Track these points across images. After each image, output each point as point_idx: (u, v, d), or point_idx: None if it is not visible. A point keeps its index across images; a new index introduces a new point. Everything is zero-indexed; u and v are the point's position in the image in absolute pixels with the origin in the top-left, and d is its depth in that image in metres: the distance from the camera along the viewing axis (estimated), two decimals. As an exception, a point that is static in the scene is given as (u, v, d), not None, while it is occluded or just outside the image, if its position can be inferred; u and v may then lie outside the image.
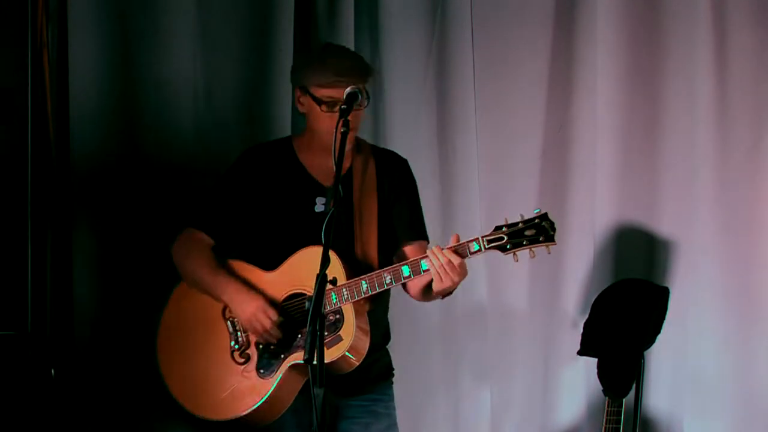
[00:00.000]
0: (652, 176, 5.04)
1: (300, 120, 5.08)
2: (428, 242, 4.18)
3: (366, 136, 5.16)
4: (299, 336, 4.00)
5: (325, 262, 3.49)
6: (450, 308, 5.16)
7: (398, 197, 4.17)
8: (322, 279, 3.46)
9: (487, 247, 3.88)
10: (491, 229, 3.90)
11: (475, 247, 3.89)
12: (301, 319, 3.99)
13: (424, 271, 3.89)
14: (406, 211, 4.18)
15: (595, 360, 4.77)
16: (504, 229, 3.90)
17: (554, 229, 3.92)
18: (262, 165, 4.15)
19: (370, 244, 4.07)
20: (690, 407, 4.97)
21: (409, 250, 4.13)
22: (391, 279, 3.91)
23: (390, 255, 4.13)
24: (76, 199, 4.89)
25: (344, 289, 3.93)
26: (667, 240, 5.01)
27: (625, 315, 4.77)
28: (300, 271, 4.01)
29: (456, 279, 3.88)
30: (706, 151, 4.96)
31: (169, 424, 4.96)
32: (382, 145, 5.20)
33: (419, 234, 4.19)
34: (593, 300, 4.88)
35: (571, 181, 5.14)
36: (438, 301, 5.18)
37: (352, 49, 5.14)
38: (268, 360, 4.02)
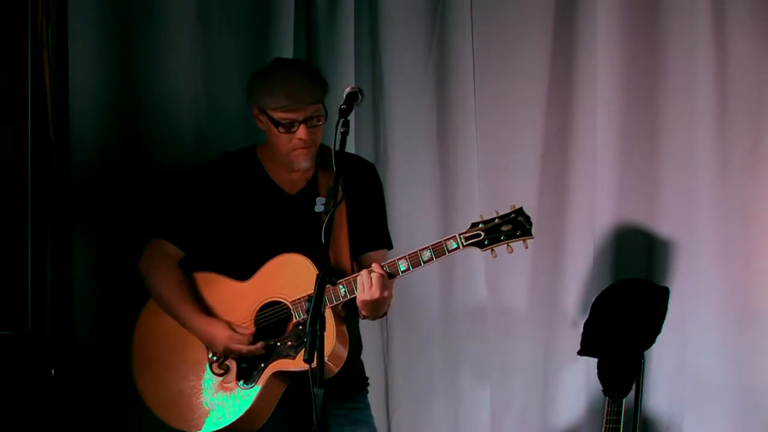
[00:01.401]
0: (652, 176, 5.04)
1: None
2: (391, 249, 4.22)
3: (366, 136, 5.17)
4: (278, 344, 4.01)
5: (325, 262, 3.48)
6: (450, 308, 5.16)
7: (363, 204, 4.17)
8: (322, 279, 3.46)
9: (465, 244, 3.92)
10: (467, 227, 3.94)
11: (453, 245, 3.92)
12: (278, 327, 4.02)
13: (402, 272, 3.96)
14: (370, 218, 4.19)
15: (595, 360, 4.76)
16: (481, 225, 3.94)
17: (530, 223, 3.97)
18: (227, 175, 4.16)
19: (341, 251, 4.07)
20: (690, 407, 4.97)
21: (371, 257, 4.15)
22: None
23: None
24: (76, 199, 4.89)
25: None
26: (667, 240, 5.00)
27: (625, 315, 4.76)
28: (276, 278, 4.03)
29: (374, 295, 3.91)
30: (706, 151, 4.96)
31: (169, 424, 4.96)
32: (381, 146, 5.22)
33: (383, 242, 4.22)
34: (593, 300, 4.87)
35: (571, 181, 5.13)
36: (438, 301, 5.20)
37: (352, 49, 5.15)
38: (247, 370, 4.03)
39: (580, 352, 4.82)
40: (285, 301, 4.02)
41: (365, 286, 3.93)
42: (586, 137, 5.12)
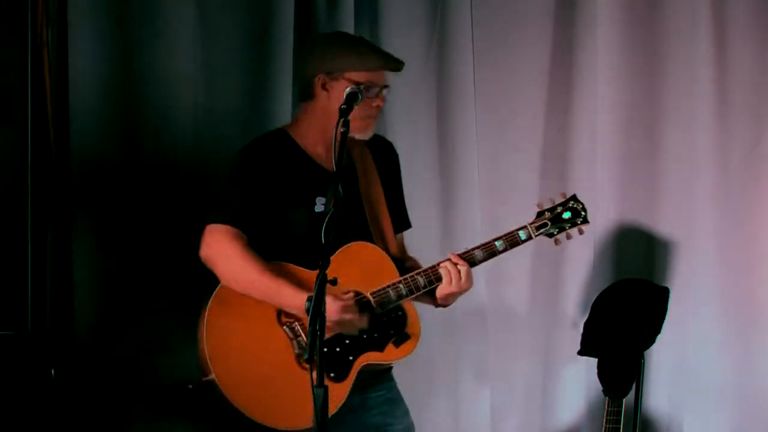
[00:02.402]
0: (652, 176, 5.05)
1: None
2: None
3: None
4: (364, 336, 3.96)
5: (326, 262, 3.48)
6: (450, 308, 5.16)
7: (391, 183, 4.17)
8: (321, 279, 3.46)
9: (536, 234, 4.01)
10: (533, 216, 4.04)
11: (523, 236, 4.01)
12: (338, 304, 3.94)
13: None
14: (396, 198, 4.18)
15: (595, 360, 4.77)
16: (546, 214, 4.03)
17: (585, 210, 4.05)
18: (271, 155, 4.05)
19: (388, 235, 4.08)
20: (690, 407, 4.98)
21: (399, 238, 4.16)
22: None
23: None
24: (76, 199, 4.89)
25: (401, 285, 3.95)
26: (667, 240, 5.01)
27: (625, 315, 4.76)
28: (350, 269, 3.95)
29: (464, 287, 3.98)
30: (706, 151, 4.96)
31: (169, 424, 4.96)
32: (382, 145, 5.23)
33: (406, 222, 4.24)
34: (593, 300, 4.88)
35: (571, 180, 5.14)
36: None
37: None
38: (336, 364, 3.93)
39: (580, 352, 4.82)
40: (363, 293, 3.97)
41: (453, 279, 3.96)
42: (586, 137, 5.12)
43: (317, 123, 4.06)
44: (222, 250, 3.94)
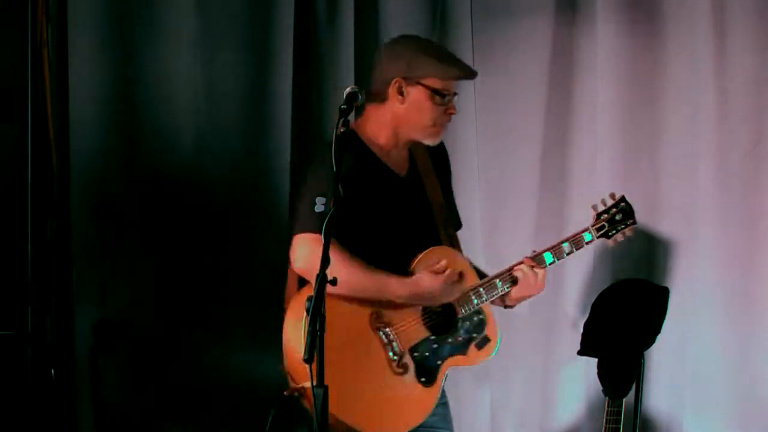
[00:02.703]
0: (652, 176, 5.05)
1: (301, 118, 5.10)
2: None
3: (366, 136, 5.17)
4: (449, 340, 3.96)
5: (326, 262, 3.48)
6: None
7: (447, 184, 4.19)
8: (321, 279, 3.45)
9: (597, 236, 4.13)
10: (593, 218, 4.15)
11: (588, 237, 4.11)
12: (444, 324, 3.95)
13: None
14: (452, 199, 4.19)
15: (595, 360, 4.77)
16: (603, 216, 4.14)
17: (633, 210, 4.19)
18: (348, 161, 3.92)
19: (455, 238, 4.09)
20: (690, 407, 4.97)
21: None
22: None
23: None
24: (76, 199, 4.89)
25: (482, 289, 3.97)
26: (667, 240, 5.01)
27: (625, 315, 4.76)
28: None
29: (539, 290, 4.04)
30: (706, 151, 4.96)
31: (169, 424, 4.97)
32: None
33: (460, 222, 4.24)
34: (593, 300, 4.88)
35: (571, 181, 5.14)
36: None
37: (352, 49, 5.15)
38: (426, 368, 3.92)
39: (580, 352, 4.82)
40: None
41: (531, 282, 4.01)
42: (586, 137, 5.13)
43: (387, 126, 4.04)
44: (317, 255, 3.74)
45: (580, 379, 5.06)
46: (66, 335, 4.87)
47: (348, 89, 3.80)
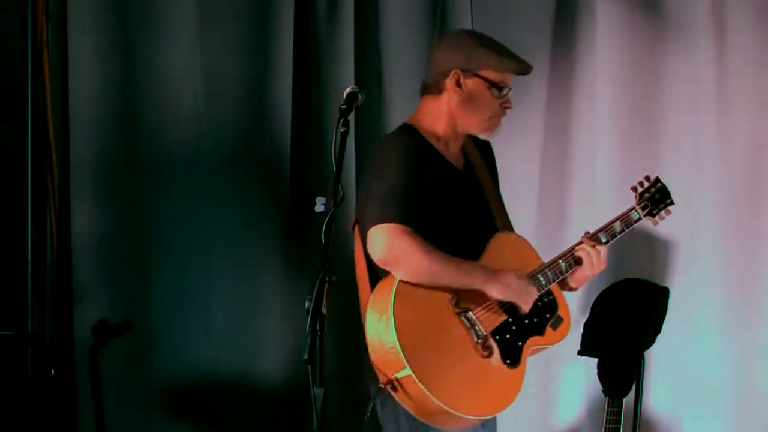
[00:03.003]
0: (652, 176, 5.04)
1: (301, 118, 5.10)
2: None
3: (366, 135, 5.17)
4: (526, 321, 3.94)
5: (326, 261, 3.48)
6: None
7: (496, 176, 4.17)
8: (321, 278, 3.45)
9: (643, 215, 4.16)
10: (636, 199, 4.17)
11: (635, 215, 4.15)
12: (516, 307, 3.92)
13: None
14: (499, 193, 4.17)
15: (595, 360, 4.77)
16: (645, 195, 4.18)
17: (669, 190, 4.25)
18: (417, 152, 3.95)
19: (509, 227, 4.07)
20: (690, 407, 4.98)
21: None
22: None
23: None
24: (76, 199, 4.89)
25: (547, 270, 3.96)
26: (667, 240, 5.01)
27: (625, 315, 4.76)
28: (501, 259, 3.94)
29: (601, 268, 4.04)
30: (706, 150, 4.96)
31: (168, 423, 4.97)
32: (382, 145, 5.22)
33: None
34: (593, 300, 4.87)
35: (571, 181, 5.14)
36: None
37: (352, 48, 5.15)
38: (510, 350, 3.90)
39: (580, 352, 4.82)
40: None
41: (594, 260, 4.02)
42: (586, 137, 5.12)
43: (444, 118, 4.00)
44: (404, 248, 3.77)
45: (580, 379, 5.06)
46: (66, 335, 4.87)
47: (348, 89, 3.80)
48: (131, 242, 4.96)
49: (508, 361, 3.87)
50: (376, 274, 3.88)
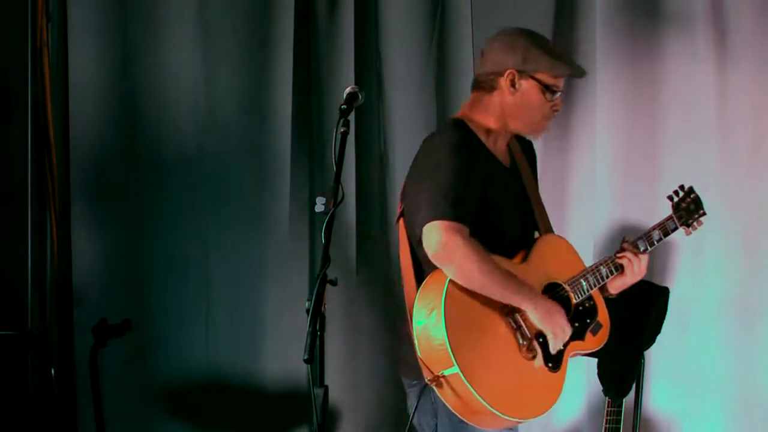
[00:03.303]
0: (652, 176, 5.04)
1: (301, 118, 5.10)
2: None
3: (366, 135, 5.17)
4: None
5: (326, 261, 3.47)
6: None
7: (536, 175, 4.16)
8: (321, 279, 3.45)
9: (680, 224, 4.19)
10: (672, 208, 4.19)
11: (672, 225, 4.17)
12: (564, 310, 3.91)
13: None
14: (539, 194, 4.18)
15: (595, 360, 4.76)
16: (682, 205, 4.20)
17: (701, 200, 4.26)
18: (471, 148, 3.94)
19: (548, 221, 4.07)
20: (690, 407, 4.97)
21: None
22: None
23: None
24: (77, 199, 4.89)
25: (589, 276, 3.97)
26: (667, 239, 5.00)
27: (625, 315, 4.76)
28: (547, 261, 3.95)
29: (641, 276, 4.09)
30: (706, 151, 4.96)
31: (168, 423, 4.97)
32: (381, 146, 5.22)
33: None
34: (593, 300, 4.87)
35: (571, 181, 5.13)
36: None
37: (352, 49, 5.15)
38: (551, 353, 3.90)
39: (580, 352, 4.82)
40: (562, 284, 3.96)
41: (636, 268, 4.06)
42: (586, 137, 5.12)
43: (495, 116, 4.00)
44: (460, 250, 3.73)
45: (580, 379, 5.05)
46: (66, 335, 4.87)
47: (348, 89, 3.80)
48: (131, 242, 4.96)
49: (550, 365, 3.87)
50: (421, 267, 3.88)
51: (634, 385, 4.73)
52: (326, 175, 5.01)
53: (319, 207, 3.99)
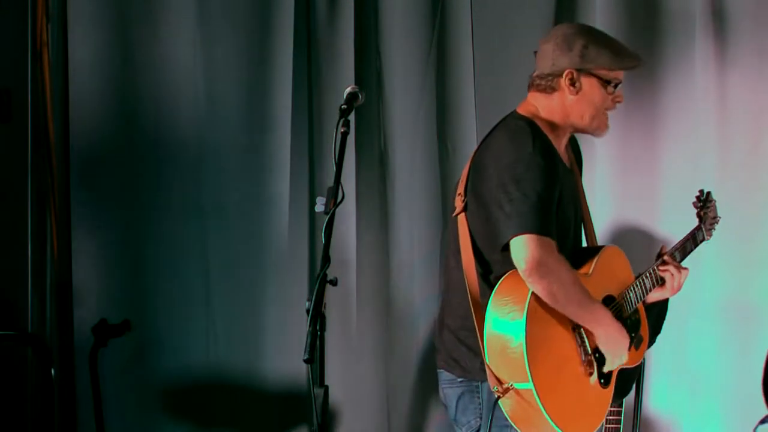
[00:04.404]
0: (652, 176, 5.04)
1: (300, 118, 5.10)
2: None
3: (366, 135, 5.17)
4: None
5: (326, 261, 3.47)
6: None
7: (581, 176, 4.11)
8: (321, 279, 3.45)
9: (707, 235, 4.23)
10: (698, 217, 4.21)
11: (700, 235, 4.19)
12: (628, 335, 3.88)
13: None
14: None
15: (595, 360, 4.76)
16: (705, 212, 4.22)
17: (715, 205, 4.26)
18: (552, 154, 3.87)
19: (592, 225, 4.04)
20: (690, 407, 4.98)
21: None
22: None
23: None
24: (77, 199, 4.89)
25: (636, 288, 3.93)
26: (667, 240, 5.00)
27: (625, 315, 4.76)
28: (606, 273, 3.90)
29: (678, 290, 4.05)
30: (706, 151, 4.96)
31: (168, 423, 4.97)
32: (382, 145, 5.22)
33: None
34: (593, 300, 4.87)
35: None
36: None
37: (352, 49, 5.15)
38: (603, 369, 3.86)
39: (580, 352, 4.81)
40: (616, 297, 3.91)
41: (675, 282, 4.03)
42: (585, 137, 5.12)
43: (558, 116, 3.94)
44: (554, 271, 3.67)
45: (580, 379, 5.05)
46: (66, 335, 4.87)
47: (348, 89, 3.80)
48: (131, 242, 4.96)
49: (602, 381, 3.82)
50: (487, 266, 3.80)
51: (634, 385, 4.73)
52: (326, 175, 5.01)
53: (319, 207, 3.99)
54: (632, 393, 4.71)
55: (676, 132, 5.02)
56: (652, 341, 4.74)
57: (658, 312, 4.75)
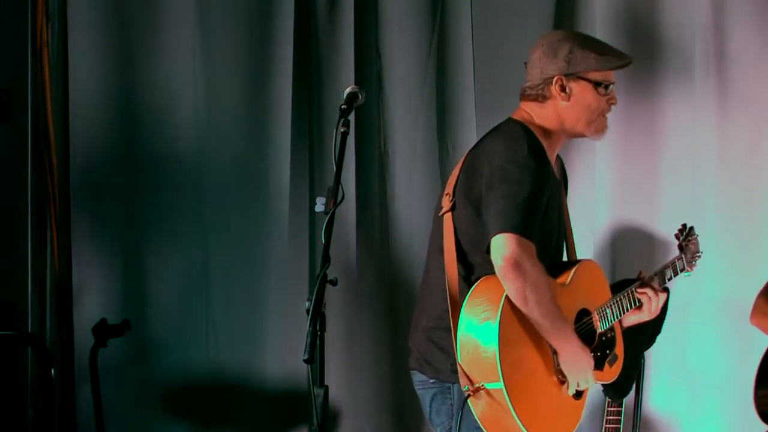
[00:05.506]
0: (652, 176, 5.05)
1: (300, 118, 5.11)
2: None
3: (366, 135, 5.17)
4: (591, 354, 3.85)
5: (326, 261, 3.47)
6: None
7: (566, 189, 4.11)
8: (321, 279, 3.45)
9: (688, 266, 4.21)
10: (678, 249, 4.21)
11: (680, 266, 4.18)
12: (587, 339, 3.83)
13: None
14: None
15: (595, 360, 4.77)
16: (683, 245, 4.21)
17: (697, 240, 4.27)
18: (545, 161, 3.86)
19: (572, 239, 4.03)
20: (690, 407, 4.98)
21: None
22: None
23: None
24: (76, 199, 4.89)
25: (614, 306, 3.91)
26: (667, 240, 5.01)
27: (625, 315, 4.76)
28: (585, 285, 3.89)
29: (655, 315, 4.02)
30: (706, 151, 4.97)
31: (168, 423, 4.97)
32: (382, 145, 5.22)
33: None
34: (593, 300, 4.87)
35: (571, 181, 5.13)
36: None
37: (352, 48, 5.15)
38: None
39: (580, 352, 4.82)
40: (592, 312, 3.89)
41: (652, 307, 4.01)
42: (585, 138, 5.12)
43: (552, 125, 3.94)
44: (528, 273, 3.65)
45: (580, 379, 5.06)
46: (66, 335, 4.88)
47: (348, 89, 3.79)
48: (131, 242, 4.96)
49: (574, 394, 3.80)
50: (469, 264, 3.79)
51: (634, 385, 4.73)
52: (326, 175, 5.01)
53: (319, 207, 3.99)
54: (632, 393, 4.72)
55: (676, 132, 5.02)
56: (651, 341, 4.76)
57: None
